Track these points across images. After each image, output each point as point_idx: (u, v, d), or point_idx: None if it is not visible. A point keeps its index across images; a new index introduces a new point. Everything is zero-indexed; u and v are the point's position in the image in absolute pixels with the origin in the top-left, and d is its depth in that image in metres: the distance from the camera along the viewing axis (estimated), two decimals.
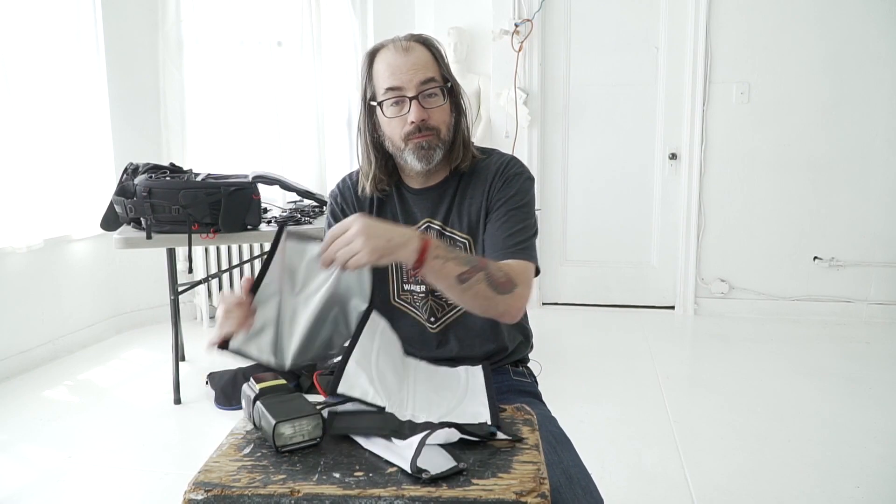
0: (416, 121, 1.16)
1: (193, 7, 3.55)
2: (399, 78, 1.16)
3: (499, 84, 3.80)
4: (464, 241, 1.24)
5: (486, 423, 0.91)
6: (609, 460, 2.11)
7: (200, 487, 0.80)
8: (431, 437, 0.84)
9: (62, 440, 2.33)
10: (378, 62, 1.20)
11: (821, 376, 2.83)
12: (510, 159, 1.27)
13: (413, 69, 1.16)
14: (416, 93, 1.16)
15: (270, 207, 2.93)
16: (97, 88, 3.34)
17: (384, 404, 0.94)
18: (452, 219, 1.25)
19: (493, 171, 1.24)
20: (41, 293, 3.10)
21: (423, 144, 1.17)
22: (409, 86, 1.16)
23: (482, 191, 1.23)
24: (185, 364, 3.00)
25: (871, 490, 1.92)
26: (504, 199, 1.21)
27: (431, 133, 1.18)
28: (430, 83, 1.17)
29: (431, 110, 1.17)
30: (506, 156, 1.29)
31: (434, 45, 1.22)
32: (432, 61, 1.19)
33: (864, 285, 3.65)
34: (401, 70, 1.16)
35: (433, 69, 1.19)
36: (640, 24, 3.74)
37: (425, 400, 0.98)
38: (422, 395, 0.99)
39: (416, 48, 1.19)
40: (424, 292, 1.25)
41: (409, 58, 1.17)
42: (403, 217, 1.27)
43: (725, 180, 3.72)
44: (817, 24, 3.50)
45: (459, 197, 1.25)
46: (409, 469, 0.79)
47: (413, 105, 1.16)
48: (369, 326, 1.07)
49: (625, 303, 3.96)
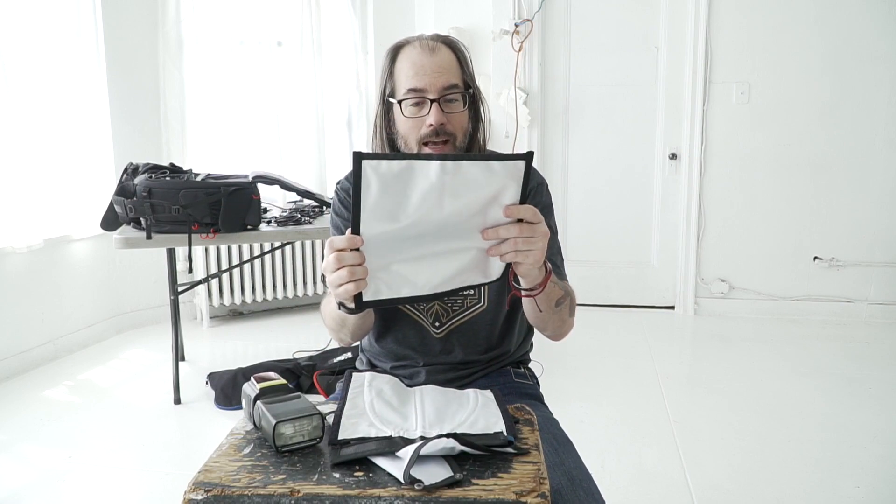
0: (434, 124, 1.14)
1: (193, 7, 3.55)
2: (422, 79, 1.14)
3: (499, 84, 3.80)
4: None
5: (501, 432, 0.89)
6: (609, 460, 2.11)
7: (200, 487, 0.79)
8: (428, 447, 0.83)
9: (62, 440, 2.33)
10: (402, 59, 1.17)
11: (821, 376, 2.83)
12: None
13: (437, 72, 1.14)
14: (439, 96, 1.14)
15: (270, 207, 2.93)
16: (97, 88, 3.33)
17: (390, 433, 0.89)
18: None
19: None
20: (41, 293, 3.10)
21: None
22: (431, 88, 1.14)
23: None
24: (185, 364, 3.00)
25: (871, 490, 1.92)
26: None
27: (447, 139, 1.16)
28: (453, 89, 1.15)
29: (451, 115, 1.15)
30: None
31: (460, 49, 1.20)
32: (457, 65, 1.17)
33: (864, 285, 3.65)
34: (425, 71, 1.14)
35: (457, 74, 1.17)
36: (640, 24, 3.74)
37: (436, 416, 0.94)
38: (431, 413, 0.95)
39: (442, 50, 1.16)
40: None
41: (434, 59, 1.15)
42: None
43: (725, 180, 3.72)
44: (817, 24, 3.50)
45: None
46: (402, 479, 0.78)
47: (433, 108, 1.14)
48: (353, 387, 1.03)
49: (625, 303, 3.96)
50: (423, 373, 1.23)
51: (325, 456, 0.86)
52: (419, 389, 1.07)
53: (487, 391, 1.05)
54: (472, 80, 1.20)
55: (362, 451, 0.85)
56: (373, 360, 1.31)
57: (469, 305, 1.23)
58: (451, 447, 0.84)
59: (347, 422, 0.92)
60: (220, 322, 3.77)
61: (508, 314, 1.26)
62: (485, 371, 1.26)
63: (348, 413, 0.95)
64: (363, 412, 0.95)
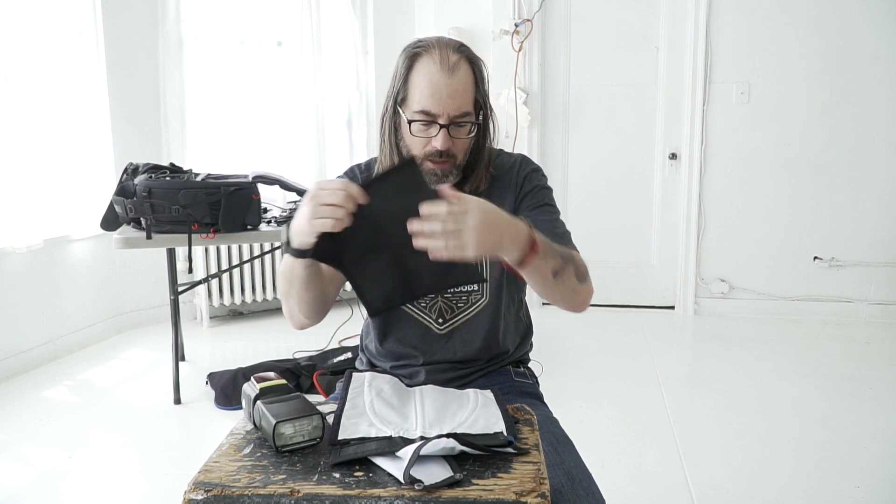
0: (440, 148, 1.13)
1: (193, 7, 3.55)
2: (436, 104, 1.11)
3: (499, 84, 3.80)
4: None
5: (501, 432, 0.89)
6: (609, 460, 2.11)
7: (200, 487, 0.79)
8: (428, 447, 0.83)
9: (62, 440, 2.33)
10: (419, 70, 1.13)
11: (821, 376, 2.83)
12: (522, 158, 1.30)
13: (452, 97, 1.11)
14: (448, 123, 1.12)
15: (270, 207, 2.93)
16: (97, 88, 3.33)
17: (390, 433, 0.90)
18: None
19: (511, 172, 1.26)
20: (41, 293, 3.10)
21: (438, 172, 1.16)
22: (443, 114, 1.12)
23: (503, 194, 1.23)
24: (185, 364, 3.00)
25: (871, 490, 1.92)
26: (533, 195, 1.24)
27: (449, 161, 1.16)
28: (464, 117, 1.13)
29: (457, 140, 1.15)
30: (515, 155, 1.31)
31: (478, 66, 1.17)
32: (472, 86, 1.15)
33: (864, 285, 3.65)
34: (440, 94, 1.11)
35: (471, 97, 1.14)
36: (640, 24, 3.74)
37: (436, 416, 0.95)
38: (431, 412, 0.96)
39: (461, 69, 1.13)
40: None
41: (451, 81, 1.11)
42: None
43: (725, 180, 3.72)
44: (817, 24, 3.50)
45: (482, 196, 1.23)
46: (402, 479, 0.78)
47: (441, 133, 1.12)
48: (353, 387, 1.04)
49: (625, 303, 3.96)
50: (422, 372, 1.23)
51: (325, 456, 0.86)
52: (419, 389, 1.07)
53: (487, 391, 1.05)
54: (485, 97, 1.18)
55: (362, 452, 0.85)
56: (373, 361, 1.31)
57: (473, 301, 1.24)
58: (451, 447, 0.84)
59: (347, 422, 0.92)
60: (220, 322, 3.77)
61: (508, 307, 1.27)
62: (484, 371, 1.26)
63: (348, 413, 0.95)
64: (363, 412, 0.95)
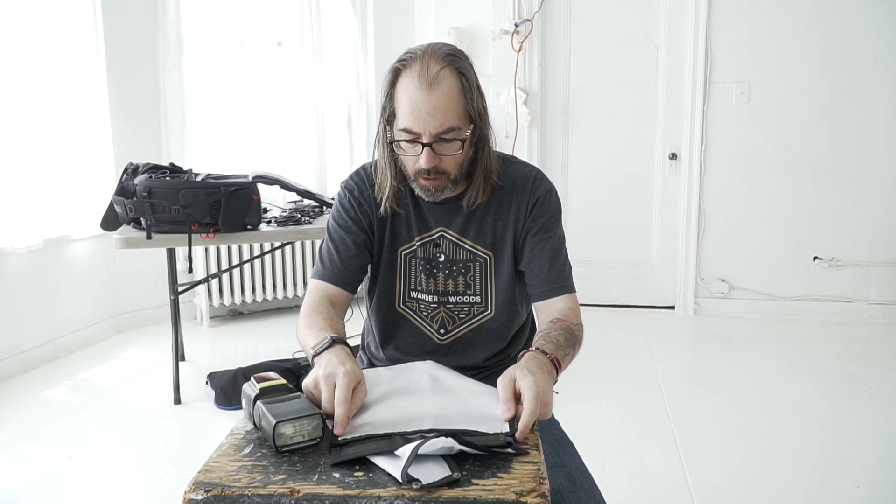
0: (425, 167, 1.10)
1: (193, 7, 3.55)
2: (416, 122, 1.07)
3: (499, 84, 3.80)
4: (485, 257, 1.21)
5: (501, 432, 0.88)
6: (609, 460, 2.11)
7: (200, 487, 0.79)
8: (427, 447, 0.82)
9: (62, 440, 2.33)
10: (400, 87, 1.09)
11: (821, 376, 2.83)
12: (537, 174, 1.23)
13: (432, 114, 1.06)
14: (431, 141, 1.08)
15: (270, 207, 2.93)
16: (97, 88, 3.33)
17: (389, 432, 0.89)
18: (471, 231, 1.21)
19: (525, 189, 1.20)
20: (41, 293, 3.10)
21: (430, 187, 1.13)
22: (425, 132, 1.07)
23: (513, 211, 1.20)
24: (185, 364, 3.00)
25: (871, 490, 1.92)
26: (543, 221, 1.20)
27: (440, 177, 1.12)
28: (448, 132, 1.08)
29: (444, 157, 1.10)
30: (529, 168, 1.24)
31: (464, 73, 1.10)
32: (457, 98, 1.08)
33: (864, 285, 3.65)
34: (420, 111, 1.06)
35: (456, 110, 1.08)
36: (640, 24, 3.74)
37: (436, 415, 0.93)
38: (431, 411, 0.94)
39: (443, 83, 1.06)
40: (436, 303, 1.22)
41: (431, 97, 1.05)
42: (416, 224, 1.22)
43: (725, 180, 3.72)
44: (817, 24, 3.50)
45: (482, 211, 1.20)
46: (400, 478, 0.78)
47: (425, 152, 1.08)
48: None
49: (625, 303, 3.96)
50: None
51: (325, 456, 0.86)
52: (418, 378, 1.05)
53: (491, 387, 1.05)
54: (475, 105, 1.11)
55: (362, 451, 0.84)
56: (373, 361, 1.31)
57: (476, 313, 1.22)
58: (449, 446, 0.84)
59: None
60: (220, 322, 3.77)
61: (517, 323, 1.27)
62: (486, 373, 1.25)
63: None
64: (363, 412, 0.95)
